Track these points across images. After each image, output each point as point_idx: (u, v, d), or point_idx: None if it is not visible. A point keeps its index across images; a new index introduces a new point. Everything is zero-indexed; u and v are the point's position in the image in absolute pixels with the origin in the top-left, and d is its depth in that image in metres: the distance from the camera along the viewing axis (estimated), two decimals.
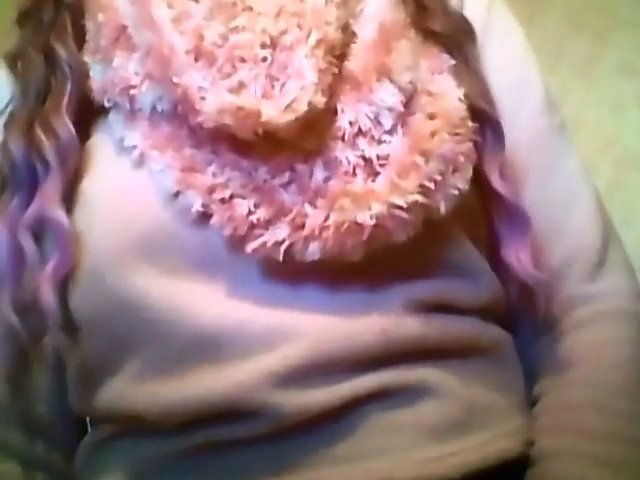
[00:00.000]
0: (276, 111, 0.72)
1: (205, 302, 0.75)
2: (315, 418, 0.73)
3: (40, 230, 0.78)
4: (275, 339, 0.74)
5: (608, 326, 0.82)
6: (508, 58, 0.86)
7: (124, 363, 0.77)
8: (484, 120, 0.79)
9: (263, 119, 0.72)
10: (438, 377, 0.77)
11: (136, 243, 0.75)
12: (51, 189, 0.78)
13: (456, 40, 0.82)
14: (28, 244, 0.78)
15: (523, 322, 0.85)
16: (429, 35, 0.81)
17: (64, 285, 0.77)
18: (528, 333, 0.85)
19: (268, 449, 0.74)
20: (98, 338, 0.78)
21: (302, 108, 0.72)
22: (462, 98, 0.77)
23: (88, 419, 0.86)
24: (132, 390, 0.77)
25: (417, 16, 0.82)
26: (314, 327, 0.74)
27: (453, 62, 0.80)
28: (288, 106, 0.72)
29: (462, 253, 0.80)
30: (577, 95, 2.07)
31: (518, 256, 0.80)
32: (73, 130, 0.79)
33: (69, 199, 0.78)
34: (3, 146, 0.81)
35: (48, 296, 0.76)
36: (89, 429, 0.86)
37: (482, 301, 0.81)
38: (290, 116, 0.72)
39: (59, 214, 0.77)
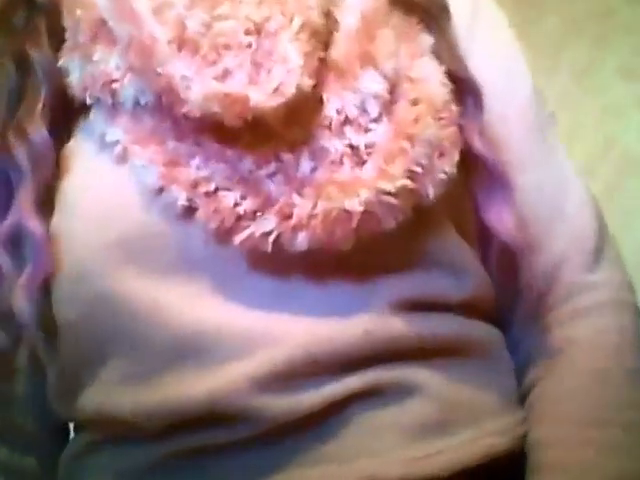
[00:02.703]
0: (264, 96, 0.72)
1: (189, 302, 0.73)
2: (299, 421, 0.73)
3: (19, 237, 0.77)
4: (258, 342, 0.73)
5: (606, 315, 0.82)
6: (496, 51, 0.86)
7: (105, 366, 0.76)
8: (463, 86, 0.79)
9: (251, 104, 0.71)
10: (423, 376, 0.76)
11: (119, 243, 0.74)
12: (24, 196, 0.76)
13: (433, 13, 0.82)
14: (2, 257, 0.76)
15: (516, 311, 0.84)
16: (408, 8, 0.81)
17: (43, 292, 0.75)
18: (520, 323, 0.84)
19: (254, 453, 0.73)
20: (80, 341, 0.77)
21: (290, 91, 0.72)
22: (443, 81, 0.77)
23: (72, 426, 0.85)
24: (113, 393, 0.76)
25: None
26: (298, 330, 0.73)
27: (432, 41, 0.80)
28: (276, 90, 0.72)
29: (449, 244, 0.79)
30: (577, 98, 2.08)
31: (500, 217, 0.79)
32: (46, 134, 0.78)
33: (49, 202, 0.77)
34: None
35: (22, 306, 0.75)
36: (70, 438, 0.86)
37: (468, 297, 0.80)
38: (278, 99, 0.72)
39: (33, 223, 0.76)
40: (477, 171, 0.80)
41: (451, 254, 0.79)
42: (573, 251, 0.83)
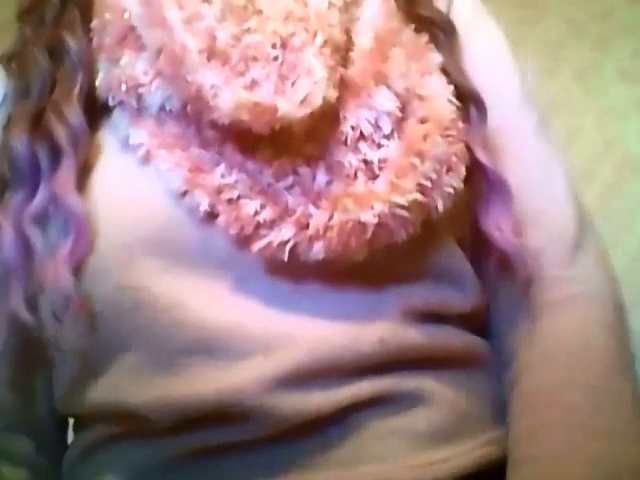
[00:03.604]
0: (292, 106, 0.74)
1: (207, 300, 0.75)
2: (310, 423, 0.74)
3: (44, 220, 0.78)
4: (273, 343, 0.75)
5: (584, 310, 0.83)
6: (489, 54, 0.89)
7: (122, 359, 0.78)
8: (467, 96, 0.82)
9: (279, 114, 0.74)
10: (432, 385, 0.78)
11: (142, 241, 0.76)
12: (65, 174, 0.78)
13: (440, 26, 0.86)
14: (35, 236, 0.78)
15: (502, 306, 0.85)
16: (418, 22, 0.84)
17: (80, 275, 0.77)
18: (505, 321, 0.85)
19: (263, 453, 0.75)
20: (99, 333, 0.78)
21: (317, 102, 0.75)
22: (451, 98, 0.80)
23: (72, 423, 0.87)
24: (126, 384, 0.77)
25: (406, 4, 0.85)
26: (313, 333, 0.75)
27: (441, 59, 0.83)
28: (303, 101, 0.74)
29: (452, 256, 0.82)
30: (576, 101, 2.08)
31: (499, 225, 0.82)
32: (83, 117, 0.80)
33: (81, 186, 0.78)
34: (2, 147, 0.81)
35: (66, 279, 0.75)
36: (71, 434, 0.87)
37: (468, 309, 0.83)
38: (306, 110, 0.74)
39: (75, 199, 0.77)
40: (477, 180, 0.83)
41: (454, 266, 0.82)
42: (551, 247, 0.84)
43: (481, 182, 0.83)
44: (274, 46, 0.77)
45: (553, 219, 0.85)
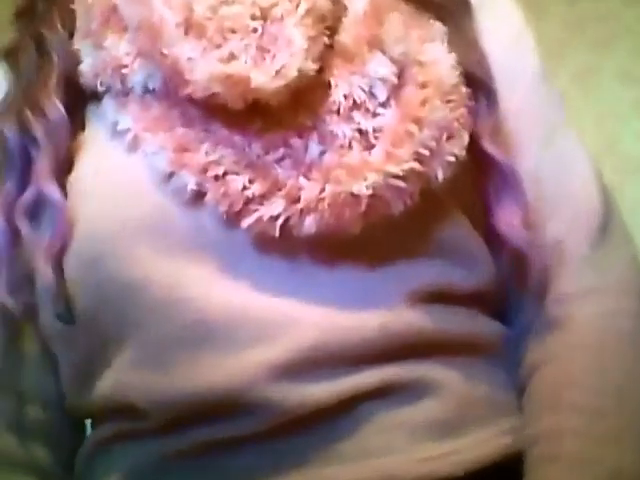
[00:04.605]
0: (266, 77, 0.72)
1: (202, 285, 0.74)
2: (314, 414, 0.72)
3: (38, 211, 0.78)
4: (274, 329, 0.73)
5: (611, 297, 0.80)
6: (508, 33, 0.85)
7: (120, 351, 0.76)
8: (477, 86, 0.79)
9: (252, 86, 0.72)
10: (439, 374, 0.76)
11: (133, 227, 0.75)
12: (42, 166, 0.78)
13: (449, 9, 0.82)
14: (24, 227, 0.78)
15: (523, 296, 0.83)
16: (421, 4, 0.81)
17: (59, 266, 0.76)
18: (517, 297, 0.82)
19: (268, 447, 0.73)
20: (95, 326, 0.77)
21: (292, 74, 0.72)
22: (454, 64, 0.77)
23: (89, 422, 0.85)
24: (126, 379, 0.76)
25: None
26: (312, 318, 0.73)
27: (444, 29, 0.79)
28: (278, 72, 0.72)
29: (459, 231, 0.78)
30: (576, 102, 2.08)
31: (511, 221, 0.79)
32: (60, 109, 0.80)
33: (63, 186, 0.78)
34: None
35: (45, 270, 0.76)
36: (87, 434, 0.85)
37: (479, 289, 0.79)
38: (280, 82, 0.72)
39: (51, 189, 0.77)
40: (488, 171, 0.80)
41: (461, 241, 0.78)
42: (577, 228, 0.81)
43: (492, 175, 0.80)
44: (254, 17, 0.74)
45: (577, 199, 0.82)
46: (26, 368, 0.83)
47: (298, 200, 0.72)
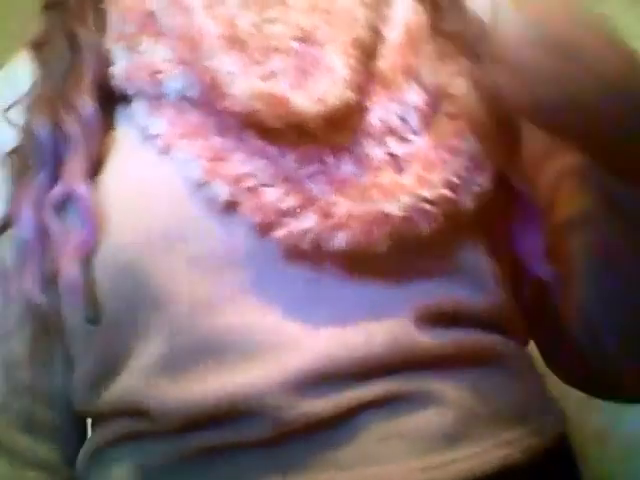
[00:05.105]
0: (307, 101, 0.74)
1: (225, 295, 0.74)
2: (318, 424, 0.73)
3: (64, 207, 0.78)
4: (286, 343, 0.74)
5: None
6: None
7: (136, 356, 0.77)
8: (503, 120, 0.81)
9: (292, 107, 0.73)
10: (441, 386, 0.77)
11: (161, 234, 0.75)
12: (74, 164, 0.78)
13: (468, 40, 0.81)
14: (54, 222, 0.78)
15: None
16: (450, 39, 0.82)
17: (88, 267, 0.76)
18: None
19: (270, 453, 0.74)
20: (117, 329, 0.77)
21: (332, 102, 0.74)
22: (480, 100, 0.79)
23: (90, 422, 0.85)
24: (140, 383, 0.76)
25: (432, 17, 0.83)
26: (325, 333, 0.74)
27: (469, 64, 0.80)
28: (319, 98, 0.74)
29: (475, 255, 0.80)
30: None
31: (533, 252, 0.82)
32: (93, 108, 0.80)
33: (92, 187, 0.78)
34: (26, 127, 0.82)
35: (73, 269, 0.76)
36: (89, 434, 0.86)
37: (487, 309, 0.81)
38: (319, 108, 0.74)
39: (82, 189, 0.77)
40: (512, 204, 0.83)
41: (475, 266, 0.80)
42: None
43: (515, 203, 0.83)
44: (295, 38, 0.76)
45: None
46: (46, 367, 0.84)
47: (330, 215, 0.73)
